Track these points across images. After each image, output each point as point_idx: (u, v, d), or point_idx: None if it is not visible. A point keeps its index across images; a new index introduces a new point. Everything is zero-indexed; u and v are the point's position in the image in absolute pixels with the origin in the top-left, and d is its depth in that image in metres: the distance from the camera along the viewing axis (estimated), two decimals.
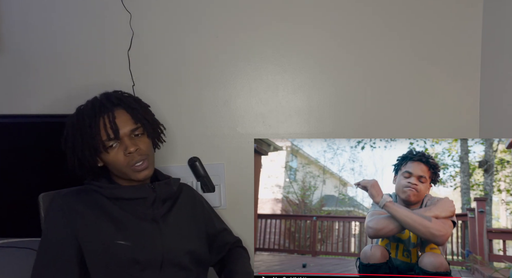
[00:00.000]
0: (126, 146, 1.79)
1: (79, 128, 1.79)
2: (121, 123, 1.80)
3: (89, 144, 1.78)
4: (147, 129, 1.87)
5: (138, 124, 1.84)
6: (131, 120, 1.83)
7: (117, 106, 1.84)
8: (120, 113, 1.82)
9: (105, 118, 1.78)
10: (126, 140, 1.79)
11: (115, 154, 1.80)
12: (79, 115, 1.82)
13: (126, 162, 1.79)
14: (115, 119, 1.79)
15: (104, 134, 1.77)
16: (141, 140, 1.84)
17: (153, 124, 1.92)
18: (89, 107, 1.83)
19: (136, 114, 1.85)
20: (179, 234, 1.88)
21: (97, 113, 1.79)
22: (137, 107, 1.88)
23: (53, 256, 1.73)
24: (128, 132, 1.81)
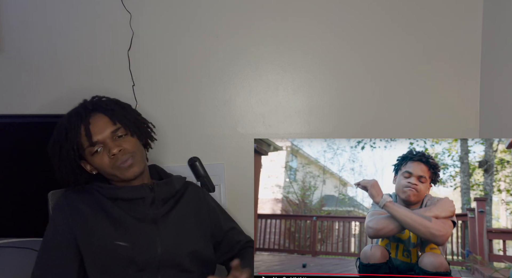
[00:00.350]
0: (109, 149, 1.78)
1: (62, 140, 1.80)
2: (99, 127, 1.80)
3: (72, 153, 1.79)
4: (129, 128, 1.85)
5: (117, 125, 1.83)
6: (109, 122, 1.82)
7: (93, 112, 1.84)
8: (98, 118, 1.83)
9: (85, 125, 1.79)
10: (109, 143, 1.79)
11: (100, 158, 1.80)
12: (61, 127, 1.83)
13: (112, 163, 1.79)
14: (89, 125, 1.79)
15: (85, 139, 1.78)
16: (125, 140, 1.83)
17: (136, 122, 1.91)
18: (66, 119, 1.84)
19: (114, 115, 1.84)
20: (180, 235, 1.86)
21: (76, 121, 1.80)
22: (115, 108, 1.87)
23: (53, 257, 1.73)
24: (109, 135, 1.80)
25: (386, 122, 2.50)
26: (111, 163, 1.79)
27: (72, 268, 1.74)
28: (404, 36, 2.48)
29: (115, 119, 1.83)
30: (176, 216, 1.87)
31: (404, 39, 2.48)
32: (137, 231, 1.78)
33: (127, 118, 1.87)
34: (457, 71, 2.48)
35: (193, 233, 1.91)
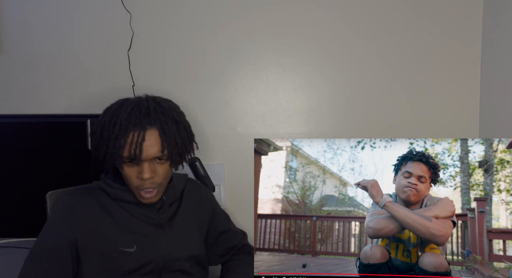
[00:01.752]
0: (142, 170, 1.69)
1: (107, 132, 1.69)
2: (148, 147, 1.68)
3: (111, 152, 1.68)
4: (172, 157, 1.74)
5: (165, 152, 1.71)
6: (159, 145, 1.70)
7: (152, 126, 1.70)
8: (152, 135, 1.70)
9: (135, 136, 1.67)
10: (144, 164, 1.69)
11: (129, 170, 1.71)
12: (113, 118, 1.71)
13: (136, 184, 1.71)
14: (143, 142, 1.67)
15: (127, 151, 1.67)
16: (161, 166, 1.74)
17: (183, 148, 1.78)
18: (124, 116, 1.70)
19: (167, 138, 1.72)
20: (184, 239, 1.84)
21: (129, 127, 1.67)
22: (171, 126, 1.74)
23: (46, 256, 1.69)
24: (150, 158, 1.69)
25: (386, 122, 2.50)
26: (136, 183, 1.72)
27: (67, 270, 1.69)
28: (404, 36, 2.47)
29: (166, 145, 1.71)
30: (180, 219, 1.86)
31: (404, 39, 2.47)
32: (142, 236, 1.75)
33: (177, 144, 1.75)
34: (457, 71, 2.47)
35: (194, 236, 1.90)
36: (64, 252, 1.69)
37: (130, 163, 1.70)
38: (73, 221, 1.72)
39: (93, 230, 1.72)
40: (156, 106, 1.76)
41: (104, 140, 1.70)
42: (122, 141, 1.66)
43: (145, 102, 1.77)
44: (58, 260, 1.68)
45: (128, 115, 1.70)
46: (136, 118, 1.69)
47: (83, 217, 1.73)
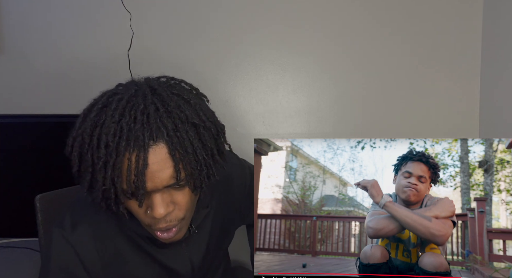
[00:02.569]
0: (153, 205, 1.17)
1: (89, 153, 1.15)
2: (154, 173, 1.13)
3: (100, 185, 1.15)
4: (193, 181, 1.20)
5: (181, 175, 1.16)
6: (171, 169, 1.15)
7: (156, 140, 1.13)
8: (157, 153, 1.13)
9: (132, 161, 1.11)
10: (155, 197, 1.17)
11: (133, 205, 1.19)
12: (96, 129, 1.16)
13: (147, 222, 1.23)
14: (145, 170, 1.11)
15: (125, 182, 1.13)
16: (180, 194, 1.21)
17: (207, 165, 1.21)
18: (111, 129, 1.13)
19: (184, 159, 1.16)
20: (208, 245, 1.53)
21: (121, 146, 1.11)
22: (190, 141, 1.17)
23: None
24: (161, 188, 1.16)
25: (386, 122, 2.50)
26: (146, 221, 1.23)
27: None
28: (404, 36, 2.47)
29: (183, 166, 1.17)
30: (208, 224, 1.52)
31: (404, 39, 2.47)
32: (164, 256, 1.40)
33: (198, 160, 1.18)
34: (457, 71, 2.47)
35: (222, 244, 1.65)
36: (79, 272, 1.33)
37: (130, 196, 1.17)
38: (82, 259, 1.32)
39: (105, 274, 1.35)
40: (159, 105, 1.17)
41: (87, 165, 1.16)
42: (115, 170, 1.12)
43: (141, 98, 1.18)
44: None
45: (117, 126, 1.13)
46: (130, 130, 1.12)
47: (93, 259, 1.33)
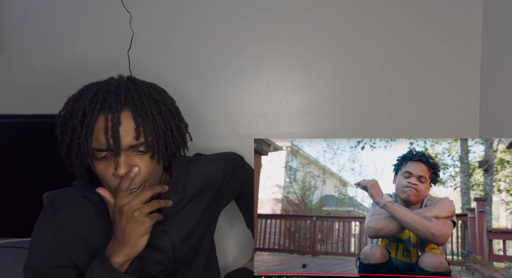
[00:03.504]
0: (117, 163, 1.39)
1: (69, 121, 1.41)
2: (121, 131, 1.37)
3: (75, 144, 1.39)
4: (152, 149, 1.43)
5: (141, 138, 1.40)
6: (133, 131, 1.39)
7: (124, 107, 1.40)
8: (124, 117, 1.39)
9: (108, 120, 1.37)
10: (121, 156, 1.39)
11: (101, 167, 1.41)
12: (76, 103, 1.43)
13: (114, 183, 1.41)
14: (119, 126, 1.37)
15: (97, 141, 1.37)
16: (141, 159, 1.43)
17: (165, 136, 1.46)
18: (88, 97, 1.40)
19: (144, 124, 1.41)
20: (187, 231, 1.67)
21: (95, 110, 1.38)
22: (151, 112, 1.43)
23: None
24: (125, 147, 1.39)
25: (386, 122, 2.50)
26: (113, 183, 1.41)
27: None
28: (404, 36, 2.47)
29: (143, 129, 1.40)
30: (184, 215, 1.66)
31: (404, 39, 2.47)
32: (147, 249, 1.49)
33: (157, 128, 1.44)
34: (457, 71, 2.46)
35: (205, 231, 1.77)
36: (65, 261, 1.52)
37: (101, 157, 1.39)
38: (64, 244, 1.51)
39: (85, 252, 1.53)
40: (128, 84, 1.47)
41: (67, 131, 1.41)
42: (89, 128, 1.36)
43: (115, 81, 1.50)
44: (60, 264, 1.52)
45: (95, 96, 1.41)
46: (105, 98, 1.40)
47: (72, 242, 1.52)
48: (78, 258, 1.53)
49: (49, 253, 1.52)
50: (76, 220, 1.53)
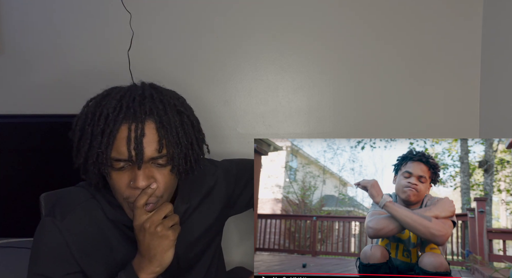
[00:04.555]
0: (135, 176, 1.33)
1: (90, 126, 1.35)
2: (144, 143, 1.32)
3: (95, 152, 1.34)
4: (173, 162, 1.39)
5: (163, 151, 1.35)
6: (156, 142, 1.34)
7: (148, 117, 1.35)
8: (148, 126, 1.34)
9: (131, 130, 1.32)
10: (141, 168, 1.34)
11: (120, 179, 1.37)
12: (98, 108, 1.36)
13: (127, 195, 1.37)
14: (143, 138, 1.32)
15: (117, 151, 1.33)
16: (161, 172, 1.38)
17: (186, 149, 1.41)
18: (112, 105, 1.35)
19: (168, 136, 1.36)
20: (193, 239, 1.65)
21: (119, 118, 1.32)
22: (175, 124, 1.38)
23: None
24: (146, 159, 1.34)
25: (386, 122, 2.50)
26: (126, 193, 1.37)
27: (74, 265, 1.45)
28: (404, 36, 2.47)
29: (166, 142, 1.35)
30: (190, 225, 1.63)
31: (404, 39, 2.47)
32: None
33: (180, 141, 1.39)
34: (457, 71, 2.47)
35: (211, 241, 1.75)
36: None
37: (119, 167, 1.35)
38: (74, 252, 1.45)
39: (95, 257, 1.48)
40: (153, 92, 1.42)
41: (86, 137, 1.35)
42: (111, 136, 1.32)
43: (139, 88, 1.45)
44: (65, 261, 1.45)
45: (118, 103, 1.35)
46: (128, 107, 1.34)
47: (82, 247, 1.46)
48: (87, 264, 1.47)
49: (62, 259, 1.45)
50: (87, 223, 1.48)
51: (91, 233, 1.47)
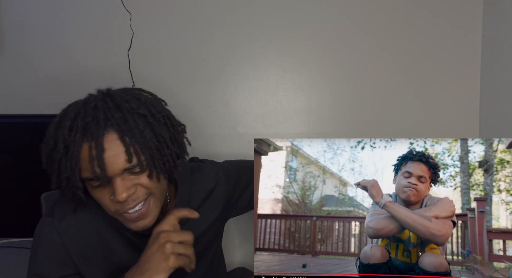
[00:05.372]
0: (114, 190, 1.29)
1: (53, 152, 1.32)
2: (110, 158, 1.27)
3: (65, 178, 1.29)
4: (149, 167, 1.32)
5: (133, 160, 1.29)
6: (123, 154, 1.28)
7: (107, 129, 1.28)
8: (109, 141, 1.27)
9: (92, 148, 1.26)
10: (117, 181, 1.29)
11: (101, 195, 1.33)
12: (56, 132, 1.32)
13: (114, 209, 1.33)
14: (103, 153, 1.25)
15: (86, 170, 1.28)
16: (140, 178, 1.33)
17: (160, 150, 1.34)
18: (67, 125, 1.29)
19: (134, 144, 1.29)
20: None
21: (76, 138, 1.26)
22: (139, 128, 1.30)
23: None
24: (118, 172, 1.28)
25: (386, 122, 2.51)
26: (113, 208, 1.33)
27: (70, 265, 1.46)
28: (404, 36, 2.47)
29: (133, 150, 1.29)
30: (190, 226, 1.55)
31: (404, 39, 2.47)
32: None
33: (149, 145, 1.31)
34: (457, 71, 2.47)
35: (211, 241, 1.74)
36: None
37: (97, 185, 1.31)
38: (72, 254, 1.46)
39: (92, 260, 1.49)
40: (107, 101, 1.32)
41: (54, 164, 1.32)
42: (73, 159, 1.26)
43: (93, 99, 1.34)
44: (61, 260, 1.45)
45: (73, 123, 1.28)
46: (84, 124, 1.27)
47: (80, 249, 1.47)
48: (84, 266, 1.47)
49: (59, 261, 1.45)
50: (85, 225, 1.48)
51: (90, 234, 1.47)
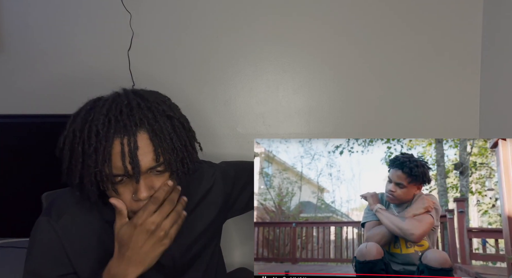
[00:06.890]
0: (137, 188, 1.38)
1: (80, 145, 1.37)
2: (141, 155, 1.36)
3: (90, 172, 1.36)
4: (171, 167, 1.43)
5: (160, 159, 1.39)
6: (152, 153, 1.38)
7: (139, 128, 1.37)
8: (141, 139, 1.37)
9: (124, 145, 1.34)
10: (141, 179, 1.38)
11: (121, 193, 1.40)
12: (85, 124, 1.37)
13: (131, 208, 1.41)
14: (137, 151, 1.35)
15: (114, 166, 1.35)
16: (160, 179, 1.42)
17: (182, 152, 1.45)
18: (100, 120, 1.36)
19: (163, 144, 1.39)
20: (190, 241, 1.73)
21: (110, 133, 1.34)
22: (168, 130, 1.42)
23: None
24: (145, 170, 1.38)
25: (386, 122, 2.57)
26: (130, 206, 1.41)
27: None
28: (404, 36, 2.54)
29: (161, 150, 1.39)
30: (187, 227, 1.64)
31: (403, 39, 2.54)
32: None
33: (175, 147, 1.43)
34: (457, 71, 2.53)
35: (208, 243, 1.83)
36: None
37: (118, 181, 1.38)
38: (69, 253, 1.54)
39: (89, 260, 1.56)
40: (139, 101, 1.42)
41: (78, 156, 1.37)
42: (106, 153, 1.34)
43: (124, 98, 1.43)
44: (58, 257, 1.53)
45: (106, 117, 1.36)
46: (117, 120, 1.36)
47: (77, 248, 1.54)
48: (81, 265, 1.54)
49: (56, 260, 1.52)
50: (82, 224, 1.55)
51: (86, 234, 1.55)
